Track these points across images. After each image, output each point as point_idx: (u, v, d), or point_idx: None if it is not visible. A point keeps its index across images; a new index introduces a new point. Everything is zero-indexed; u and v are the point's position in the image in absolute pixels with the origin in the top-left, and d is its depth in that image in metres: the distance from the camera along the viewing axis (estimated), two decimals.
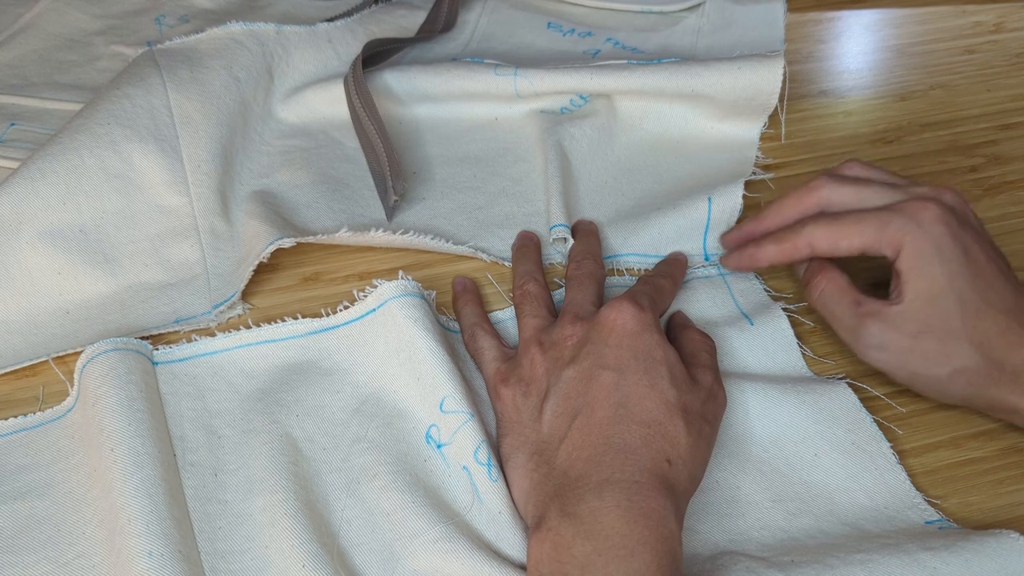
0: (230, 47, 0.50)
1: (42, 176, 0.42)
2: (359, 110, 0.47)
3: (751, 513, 0.34)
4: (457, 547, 0.31)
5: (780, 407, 0.36)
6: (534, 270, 0.41)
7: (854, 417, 0.36)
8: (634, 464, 0.30)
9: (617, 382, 0.32)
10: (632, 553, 0.28)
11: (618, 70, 0.49)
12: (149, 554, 0.31)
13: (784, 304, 0.41)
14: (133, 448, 0.33)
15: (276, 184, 0.47)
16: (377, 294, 0.38)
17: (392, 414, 0.36)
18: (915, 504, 0.34)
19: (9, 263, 0.41)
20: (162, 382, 0.37)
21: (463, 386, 0.35)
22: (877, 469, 0.35)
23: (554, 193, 0.45)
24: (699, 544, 0.33)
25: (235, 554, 0.33)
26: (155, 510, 0.32)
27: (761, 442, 0.36)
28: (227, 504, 0.34)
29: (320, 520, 0.33)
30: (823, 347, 0.40)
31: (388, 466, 0.34)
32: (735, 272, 0.43)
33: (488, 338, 0.38)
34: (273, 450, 0.35)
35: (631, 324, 0.34)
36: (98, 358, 0.36)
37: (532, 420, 0.34)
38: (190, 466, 0.35)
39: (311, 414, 0.36)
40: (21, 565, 0.32)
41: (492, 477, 0.33)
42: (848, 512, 0.34)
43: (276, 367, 0.38)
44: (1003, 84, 0.54)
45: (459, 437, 0.34)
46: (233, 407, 0.37)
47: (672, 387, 0.32)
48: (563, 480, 0.31)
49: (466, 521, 0.33)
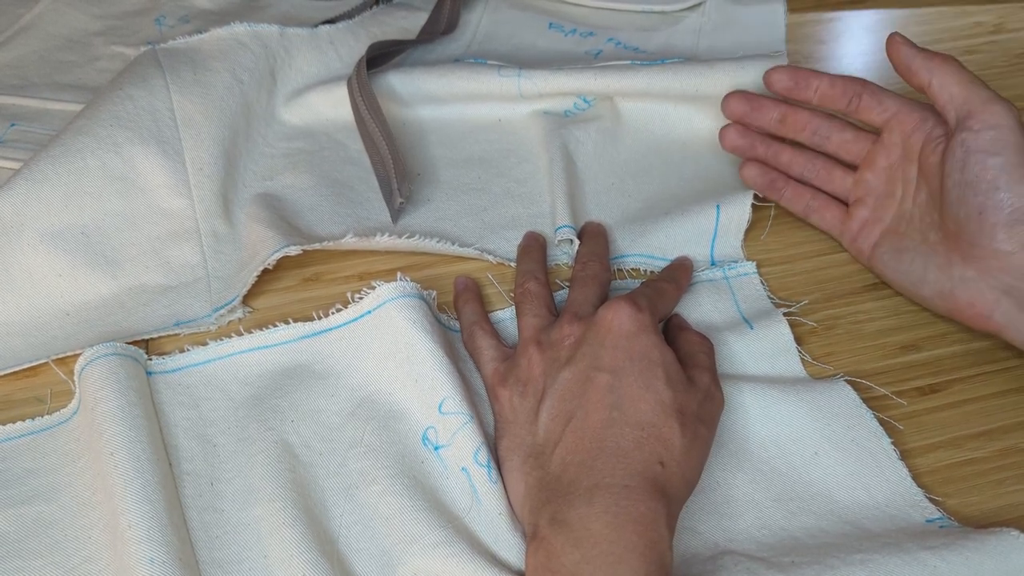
0: (233, 48, 0.50)
1: (44, 178, 0.42)
2: (363, 112, 0.47)
3: (751, 512, 0.34)
4: (457, 551, 0.31)
5: (779, 406, 0.36)
6: (536, 269, 0.41)
7: (854, 414, 0.36)
8: (625, 468, 0.30)
9: (612, 384, 0.32)
10: (620, 560, 0.28)
11: (622, 71, 0.49)
12: (151, 560, 0.31)
13: (785, 309, 0.41)
14: (133, 453, 0.33)
15: (279, 187, 0.47)
16: (374, 296, 0.38)
17: (388, 416, 0.36)
18: (916, 501, 0.34)
19: (10, 265, 0.41)
20: (156, 392, 0.37)
21: (463, 387, 0.35)
22: (878, 466, 0.35)
23: (559, 194, 0.45)
24: (699, 544, 0.33)
25: (232, 563, 0.33)
26: (156, 516, 0.32)
27: (761, 441, 0.36)
28: (224, 513, 0.34)
29: (319, 527, 0.33)
30: (822, 348, 0.40)
31: (386, 470, 0.34)
32: (740, 276, 0.43)
33: (487, 338, 0.38)
34: (269, 458, 0.35)
35: (628, 325, 0.34)
36: (96, 362, 0.36)
37: (528, 422, 0.34)
38: (186, 475, 0.35)
39: (306, 419, 0.36)
40: (28, 570, 0.32)
41: (492, 479, 0.33)
42: (849, 510, 0.34)
43: (270, 372, 0.38)
44: (1003, 85, 0.54)
45: (458, 439, 0.34)
46: (228, 415, 0.37)
47: (668, 388, 0.32)
48: (556, 485, 0.31)
49: (465, 524, 0.33)
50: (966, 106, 0.36)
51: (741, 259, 0.43)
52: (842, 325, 0.41)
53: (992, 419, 0.37)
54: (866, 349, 0.40)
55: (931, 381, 0.39)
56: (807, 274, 0.43)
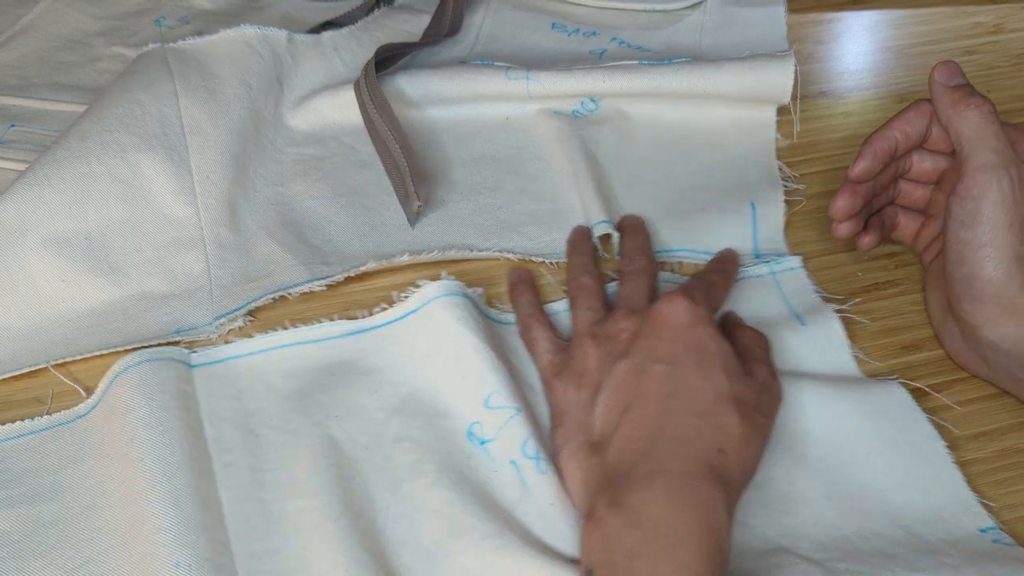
0: (243, 52, 0.49)
1: (49, 182, 0.42)
2: (372, 114, 0.47)
3: (804, 509, 0.34)
4: (507, 542, 0.32)
5: (834, 405, 0.37)
6: (588, 263, 0.41)
7: (908, 416, 0.36)
8: (685, 454, 0.30)
9: (670, 374, 0.32)
10: (679, 543, 0.28)
11: (629, 72, 0.49)
12: (176, 565, 0.31)
13: (836, 306, 0.41)
14: (163, 459, 0.33)
15: (291, 194, 0.47)
16: (419, 295, 0.39)
17: (433, 414, 0.36)
18: (969, 507, 0.34)
19: (13, 269, 0.41)
20: (199, 384, 0.37)
21: (510, 381, 0.36)
22: (932, 469, 0.35)
23: (588, 190, 0.45)
24: (753, 538, 0.33)
25: (270, 554, 0.33)
26: (183, 520, 0.32)
27: (815, 439, 0.36)
28: (264, 503, 0.34)
29: (365, 522, 0.33)
30: (874, 350, 0.40)
31: (433, 464, 0.34)
32: (786, 271, 0.43)
33: (542, 329, 0.39)
34: (315, 453, 0.35)
35: (684, 318, 0.34)
36: (131, 369, 0.36)
37: (584, 413, 0.34)
38: (226, 467, 0.35)
39: (351, 414, 0.37)
40: (27, 571, 0.33)
41: (541, 470, 0.34)
42: (902, 513, 0.34)
43: (313, 367, 0.38)
44: (1003, 85, 0.54)
45: (505, 432, 0.35)
46: (270, 406, 0.37)
47: (726, 379, 0.32)
48: (614, 473, 0.31)
49: (515, 517, 0.33)
50: (964, 166, 0.36)
51: (785, 253, 0.44)
52: (843, 325, 0.41)
53: (992, 419, 0.37)
54: (867, 349, 0.40)
55: (931, 381, 0.39)
56: (809, 274, 0.43)
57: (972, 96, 0.36)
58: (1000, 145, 0.35)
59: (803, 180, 0.48)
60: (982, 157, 0.35)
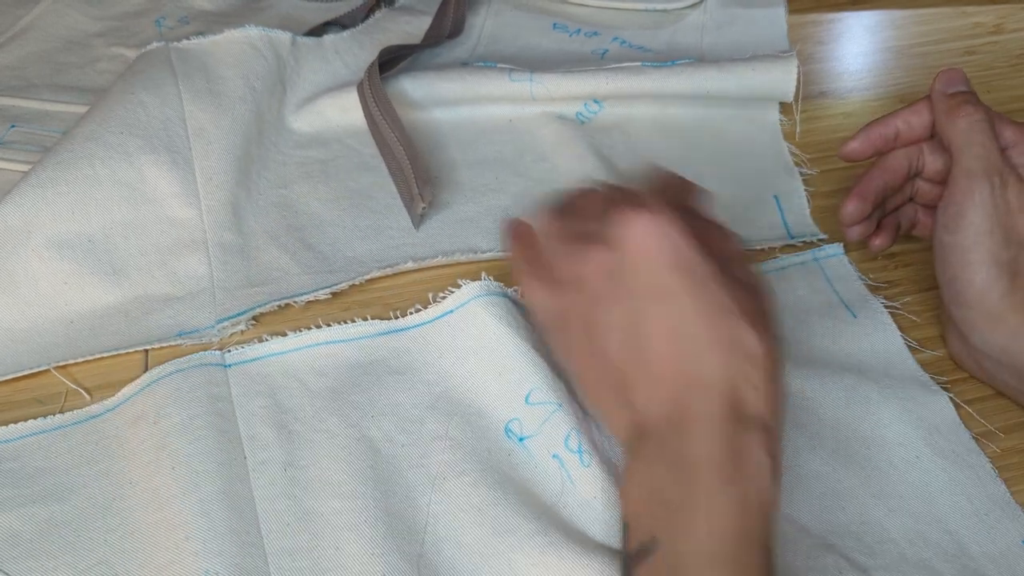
0: (247, 54, 0.49)
1: (52, 185, 0.42)
2: (376, 116, 0.47)
3: (851, 507, 0.34)
4: (552, 540, 0.32)
5: (883, 409, 0.37)
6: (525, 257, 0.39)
7: (953, 430, 0.37)
8: (711, 394, 0.29)
9: (668, 312, 0.30)
10: (717, 492, 0.28)
11: (633, 73, 0.49)
12: (206, 572, 0.31)
13: (883, 299, 0.41)
14: (193, 467, 0.34)
15: (295, 196, 0.47)
16: (457, 296, 0.39)
17: (470, 412, 0.37)
18: (1016, 516, 0.34)
19: (16, 271, 0.41)
20: (234, 383, 0.38)
21: (550, 377, 0.36)
22: (979, 479, 0.35)
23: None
24: (797, 533, 0.33)
25: (301, 551, 0.33)
26: (212, 528, 0.32)
27: (864, 439, 0.36)
28: (296, 500, 0.34)
29: (404, 523, 0.33)
30: (927, 341, 0.40)
31: (474, 463, 0.35)
32: (828, 256, 0.43)
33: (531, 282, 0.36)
34: (351, 454, 0.35)
35: (660, 244, 0.30)
36: (163, 380, 0.36)
37: (603, 373, 0.32)
38: (260, 465, 0.35)
39: (386, 413, 0.37)
40: (40, 570, 0.33)
41: (584, 463, 0.34)
42: (948, 516, 0.34)
43: (346, 366, 0.38)
44: (1003, 85, 0.55)
45: (547, 427, 0.35)
46: (304, 404, 0.37)
47: (728, 296, 0.30)
48: (643, 421, 0.30)
49: (557, 511, 0.33)
50: (951, 171, 0.37)
51: (821, 235, 0.44)
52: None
53: (992, 419, 0.37)
54: None
55: None
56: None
57: (964, 104, 0.37)
58: (985, 152, 0.36)
59: (803, 180, 0.48)
60: (966, 164, 0.36)
